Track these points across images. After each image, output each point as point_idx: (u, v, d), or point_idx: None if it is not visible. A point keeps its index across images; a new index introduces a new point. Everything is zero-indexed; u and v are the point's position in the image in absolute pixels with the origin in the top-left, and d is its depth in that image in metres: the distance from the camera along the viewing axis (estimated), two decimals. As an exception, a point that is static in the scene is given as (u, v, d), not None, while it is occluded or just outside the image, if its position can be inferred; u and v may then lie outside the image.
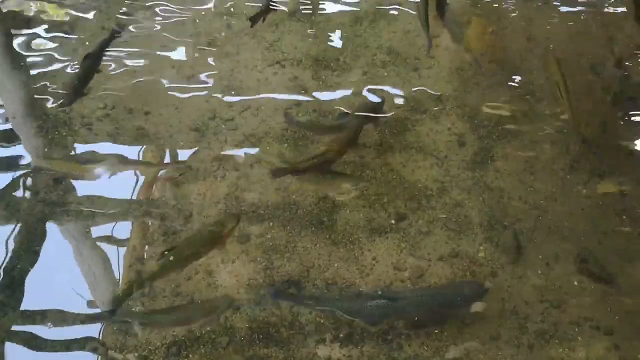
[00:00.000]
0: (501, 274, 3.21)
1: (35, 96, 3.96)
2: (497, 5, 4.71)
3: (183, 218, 3.40)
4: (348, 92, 4.06)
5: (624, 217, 3.45)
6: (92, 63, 3.99)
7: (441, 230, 3.39)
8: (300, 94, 4.03)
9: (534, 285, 3.17)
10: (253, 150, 3.71)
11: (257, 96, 4.01)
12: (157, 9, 4.56)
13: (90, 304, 3.08)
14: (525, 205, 3.50)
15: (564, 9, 4.60)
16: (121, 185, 3.54)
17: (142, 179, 3.58)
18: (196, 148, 3.72)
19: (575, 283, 3.17)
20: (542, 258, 3.27)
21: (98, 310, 3.06)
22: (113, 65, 4.14)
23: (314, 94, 4.04)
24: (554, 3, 4.66)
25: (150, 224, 3.42)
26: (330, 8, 4.62)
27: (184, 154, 3.70)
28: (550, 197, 3.53)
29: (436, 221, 3.43)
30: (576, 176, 3.63)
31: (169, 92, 4.02)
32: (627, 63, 4.18)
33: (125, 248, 3.30)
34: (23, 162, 3.62)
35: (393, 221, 3.42)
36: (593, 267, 3.24)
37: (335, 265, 3.24)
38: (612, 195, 3.55)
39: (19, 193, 3.49)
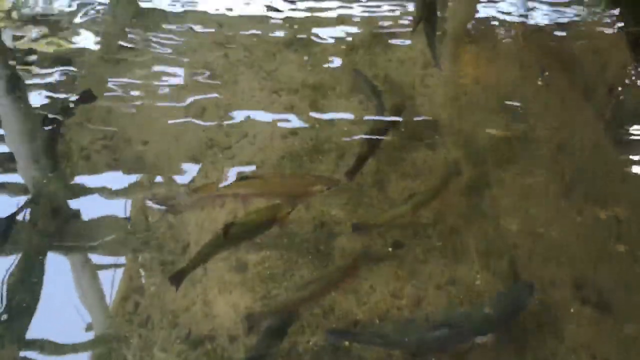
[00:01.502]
0: (498, 302, 3.22)
1: (35, 128, 4.00)
2: (490, 32, 4.79)
3: (181, 248, 3.41)
4: (345, 119, 4.10)
5: (620, 243, 3.47)
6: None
7: (438, 258, 3.40)
8: (297, 123, 4.07)
9: (530, 312, 3.17)
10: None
11: (254, 125, 4.05)
12: (155, 40, 4.63)
13: (87, 332, 3.09)
14: (521, 232, 3.52)
15: (556, 36, 4.68)
16: (119, 214, 3.57)
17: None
18: (193, 177, 3.75)
19: (572, 310, 3.18)
20: (538, 285, 3.27)
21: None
22: (111, 96, 4.18)
23: (311, 122, 4.09)
24: (547, 31, 4.73)
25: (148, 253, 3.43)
26: (326, 38, 4.69)
27: (182, 184, 3.73)
28: (545, 223, 3.54)
29: (433, 249, 3.45)
30: (571, 202, 3.65)
31: (167, 122, 4.05)
32: (619, 90, 4.24)
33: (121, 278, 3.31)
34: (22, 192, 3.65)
35: (390, 249, 3.44)
36: (590, 293, 3.25)
37: (332, 293, 3.24)
38: (607, 221, 3.57)
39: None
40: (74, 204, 3.62)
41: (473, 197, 3.66)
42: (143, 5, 4.95)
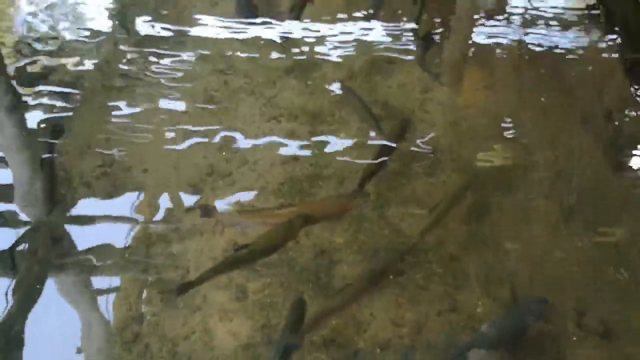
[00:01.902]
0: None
1: (35, 154, 4.02)
2: (488, 58, 4.84)
3: (180, 275, 3.40)
4: (345, 145, 4.12)
5: (621, 268, 3.46)
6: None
7: (438, 284, 3.39)
8: (297, 149, 4.09)
9: (532, 338, 3.16)
10: (250, 206, 3.74)
11: (254, 152, 4.06)
12: (155, 67, 4.66)
13: None
14: (521, 258, 3.51)
15: (554, 63, 4.72)
16: (119, 241, 3.56)
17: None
18: (193, 204, 3.75)
19: (574, 338, 3.16)
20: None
21: None
22: (111, 123, 4.21)
23: (311, 148, 4.10)
24: (545, 57, 4.78)
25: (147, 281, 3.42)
26: (325, 64, 4.73)
27: (181, 210, 3.73)
28: (546, 249, 3.54)
29: (433, 275, 3.44)
30: (571, 228, 3.65)
31: (167, 149, 4.07)
32: (617, 115, 4.27)
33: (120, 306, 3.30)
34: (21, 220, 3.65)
35: (391, 276, 3.43)
36: (591, 319, 3.23)
37: (333, 322, 3.22)
38: (608, 247, 3.57)
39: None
40: (73, 231, 3.62)
41: (473, 223, 3.66)
42: (144, 32, 4.99)
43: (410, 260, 3.48)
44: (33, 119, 4.23)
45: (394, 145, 4.02)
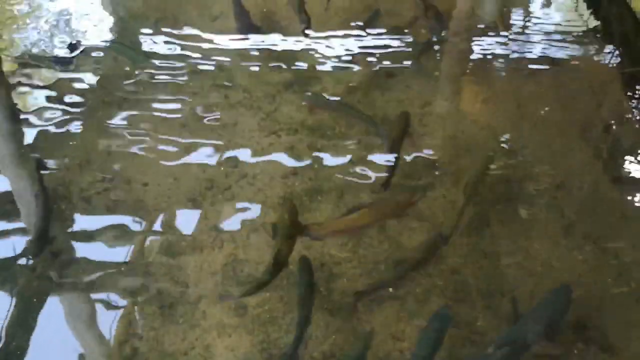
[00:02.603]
0: (501, 343, 3.18)
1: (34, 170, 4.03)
2: (488, 72, 4.86)
3: (179, 291, 3.39)
4: (344, 160, 4.13)
5: (622, 281, 3.45)
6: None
7: (439, 298, 3.38)
8: (296, 163, 4.09)
9: (534, 353, 3.14)
10: (249, 220, 3.74)
11: (254, 166, 4.07)
12: (156, 81, 4.69)
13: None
14: (522, 271, 3.50)
15: (553, 76, 4.74)
16: (119, 256, 3.56)
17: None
18: (193, 219, 3.75)
19: (575, 351, 3.14)
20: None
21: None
22: (111, 138, 4.22)
23: (311, 162, 4.11)
24: (544, 70, 4.80)
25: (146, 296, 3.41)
26: (325, 78, 4.75)
27: (181, 225, 3.73)
28: (546, 262, 3.53)
29: (433, 288, 3.42)
30: (571, 241, 3.65)
31: (167, 163, 4.08)
32: (616, 128, 4.28)
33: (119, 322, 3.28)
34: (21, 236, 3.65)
35: (390, 289, 3.42)
36: (593, 333, 3.21)
37: (333, 336, 3.21)
38: (608, 260, 3.56)
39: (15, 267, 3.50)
40: (73, 246, 3.61)
41: (473, 236, 3.66)
42: (144, 47, 5.02)
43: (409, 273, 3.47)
44: (31, 132, 4.26)
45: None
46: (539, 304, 3.20)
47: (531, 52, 5.00)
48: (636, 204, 3.86)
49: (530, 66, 4.87)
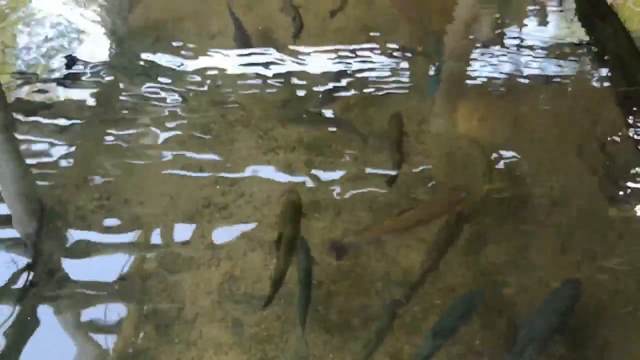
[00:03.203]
0: (499, 362, 3.17)
1: (32, 188, 4.02)
2: (483, 89, 4.89)
3: (176, 309, 3.37)
4: (341, 176, 4.13)
5: (620, 300, 3.45)
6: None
7: (437, 316, 3.36)
8: (293, 180, 4.10)
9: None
10: (246, 239, 3.74)
11: (251, 184, 4.07)
12: (154, 99, 4.70)
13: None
14: (519, 289, 3.50)
15: (548, 94, 4.77)
16: (115, 274, 3.54)
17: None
18: (189, 237, 3.74)
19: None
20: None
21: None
22: (108, 155, 4.22)
23: (308, 180, 4.11)
24: (539, 89, 4.83)
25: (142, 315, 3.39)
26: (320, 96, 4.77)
27: (177, 243, 3.72)
28: (543, 280, 3.53)
29: (432, 307, 3.41)
30: (568, 258, 3.65)
31: (164, 181, 4.07)
32: (611, 146, 4.30)
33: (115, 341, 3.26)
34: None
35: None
36: (593, 352, 3.20)
37: (330, 355, 3.19)
38: (606, 278, 3.55)
39: (12, 285, 3.48)
40: (69, 264, 3.60)
41: (470, 255, 3.65)
42: (142, 63, 5.04)
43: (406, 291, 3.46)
44: (29, 149, 4.26)
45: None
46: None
47: (526, 70, 5.03)
48: (633, 222, 3.86)
49: (526, 84, 4.89)
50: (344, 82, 4.87)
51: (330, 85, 4.82)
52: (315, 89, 4.80)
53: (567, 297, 3.32)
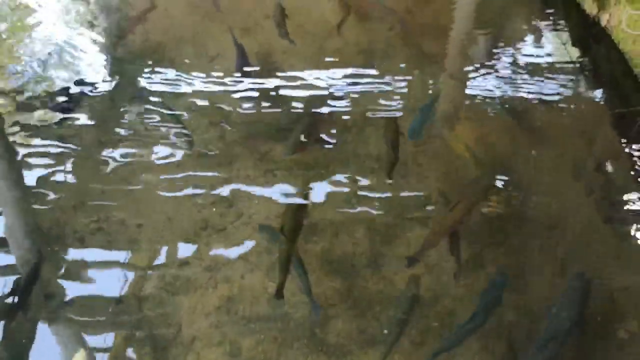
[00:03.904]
0: (498, 385, 3.16)
1: (29, 211, 4.02)
2: (480, 109, 4.92)
3: (172, 333, 3.36)
4: (339, 197, 4.14)
5: (619, 322, 3.44)
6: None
7: (435, 339, 3.35)
8: (292, 201, 4.10)
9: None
10: (244, 261, 3.74)
11: (249, 206, 4.07)
12: (152, 120, 4.72)
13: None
14: (518, 312, 3.49)
15: (543, 115, 4.81)
16: (112, 296, 3.54)
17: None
18: (187, 259, 3.74)
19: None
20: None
21: None
22: (106, 178, 4.23)
23: (306, 201, 4.12)
24: (534, 109, 4.87)
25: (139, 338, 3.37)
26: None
27: (175, 266, 3.71)
28: (542, 302, 3.52)
29: (429, 330, 3.40)
30: (566, 279, 3.64)
31: (162, 203, 4.07)
32: (607, 167, 4.32)
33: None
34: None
35: (386, 331, 3.39)
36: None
37: (329, 379, 3.18)
38: (603, 299, 3.55)
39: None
40: (66, 287, 3.59)
41: (468, 277, 3.65)
42: (141, 86, 5.07)
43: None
44: (28, 172, 4.27)
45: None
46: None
47: (522, 91, 5.06)
48: (630, 243, 3.86)
49: (522, 104, 4.92)
50: (341, 103, 4.90)
51: (325, 109, 4.86)
52: (313, 110, 4.83)
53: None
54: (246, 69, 5.20)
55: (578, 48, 5.54)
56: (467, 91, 5.13)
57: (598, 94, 5.00)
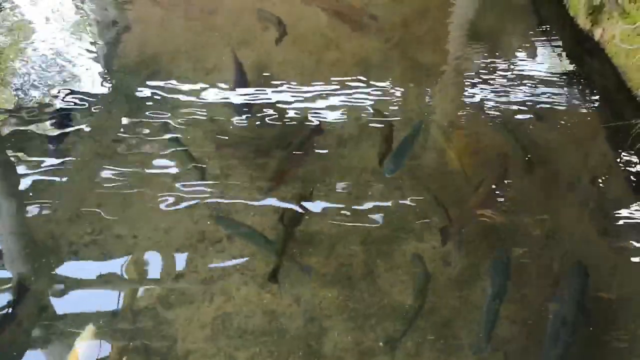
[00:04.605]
0: (494, 398, 3.15)
1: (24, 223, 4.01)
2: (474, 123, 4.95)
3: (167, 346, 3.34)
4: (334, 210, 4.14)
5: (614, 332, 3.44)
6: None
7: (430, 351, 3.35)
8: (287, 215, 4.09)
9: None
10: (240, 274, 3.72)
11: (245, 217, 4.07)
12: (148, 133, 4.72)
13: None
14: (514, 324, 3.49)
15: (537, 128, 4.83)
16: (107, 309, 3.52)
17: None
18: (183, 271, 3.73)
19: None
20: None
21: None
22: (101, 190, 4.22)
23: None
24: (528, 122, 4.89)
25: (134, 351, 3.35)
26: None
27: (170, 278, 3.70)
28: (538, 314, 3.52)
29: (425, 342, 3.40)
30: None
31: (158, 215, 4.07)
32: (602, 180, 4.34)
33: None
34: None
35: (381, 343, 3.38)
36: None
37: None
38: (600, 311, 3.55)
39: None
40: (61, 300, 3.57)
41: (464, 289, 3.65)
42: (137, 98, 5.07)
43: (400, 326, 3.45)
44: (23, 184, 4.26)
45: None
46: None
47: (516, 104, 5.09)
48: (625, 255, 3.87)
49: (516, 118, 4.95)
50: (336, 116, 4.92)
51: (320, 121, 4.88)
52: (307, 123, 4.84)
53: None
54: (244, 82, 5.22)
55: (572, 62, 5.59)
56: (462, 104, 5.15)
57: (592, 107, 5.04)
